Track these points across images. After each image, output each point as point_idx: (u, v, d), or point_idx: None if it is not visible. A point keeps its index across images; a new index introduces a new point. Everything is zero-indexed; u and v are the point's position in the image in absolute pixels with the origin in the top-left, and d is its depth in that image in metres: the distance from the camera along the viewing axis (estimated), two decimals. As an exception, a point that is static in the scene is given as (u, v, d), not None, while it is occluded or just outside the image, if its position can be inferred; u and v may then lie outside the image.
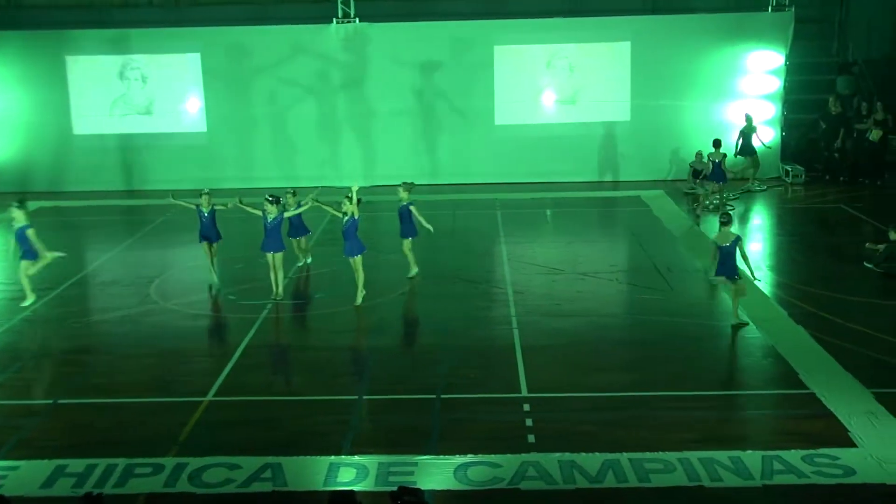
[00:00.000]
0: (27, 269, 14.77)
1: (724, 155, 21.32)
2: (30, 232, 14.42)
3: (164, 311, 14.91)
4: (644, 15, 25.35)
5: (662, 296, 15.23)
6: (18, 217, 14.41)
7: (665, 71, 24.46)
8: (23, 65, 24.96)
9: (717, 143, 21.61)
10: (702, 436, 10.17)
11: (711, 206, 21.22)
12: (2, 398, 11.68)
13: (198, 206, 15.92)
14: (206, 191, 16.15)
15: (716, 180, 21.14)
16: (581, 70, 24.97)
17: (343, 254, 15.07)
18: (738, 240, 13.47)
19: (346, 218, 14.74)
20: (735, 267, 13.52)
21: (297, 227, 16.72)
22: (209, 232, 16.02)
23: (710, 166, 21.19)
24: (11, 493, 8.59)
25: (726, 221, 13.89)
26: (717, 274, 13.64)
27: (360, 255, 14.88)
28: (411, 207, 16.11)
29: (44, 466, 9.71)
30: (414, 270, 16.42)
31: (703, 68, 24.47)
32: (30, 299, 14.83)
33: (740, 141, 23.42)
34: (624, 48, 24.68)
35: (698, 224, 20.16)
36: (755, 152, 23.44)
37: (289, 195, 16.32)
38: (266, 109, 25.04)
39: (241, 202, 15.52)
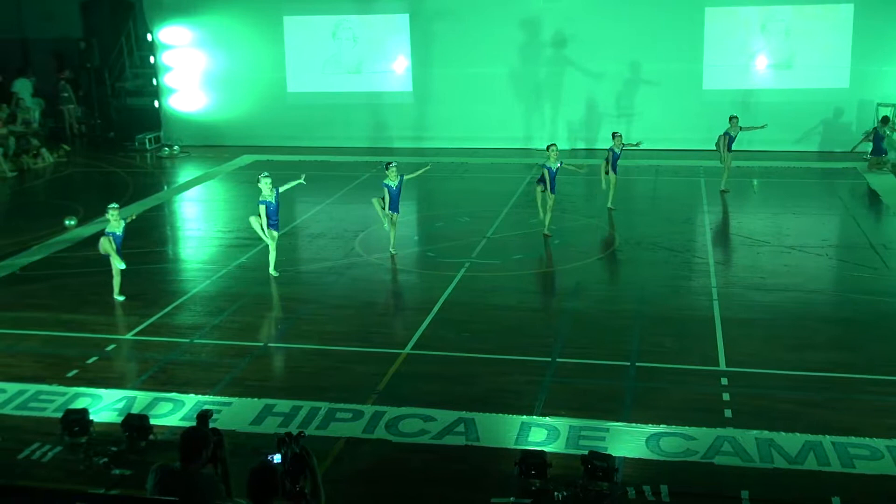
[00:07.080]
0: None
1: None
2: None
3: (367, 264, 15.43)
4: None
5: (877, 274, 14.40)
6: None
7: (891, 35, 22.95)
8: (245, 24, 26.35)
9: None
10: (914, 424, 9.62)
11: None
12: (217, 339, 12.48)
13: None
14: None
15: None
16: (797, 34, 23.82)
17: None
18: None
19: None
20: None
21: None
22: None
23: None
24: (224, 427, 9.13)
25: None
26: None
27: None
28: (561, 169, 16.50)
29: (254, 405, 10.32)
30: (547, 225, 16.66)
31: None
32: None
33: None
34: (846, 11, 23.34)
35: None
36: None
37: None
38: (471, 71, 25.23)
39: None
